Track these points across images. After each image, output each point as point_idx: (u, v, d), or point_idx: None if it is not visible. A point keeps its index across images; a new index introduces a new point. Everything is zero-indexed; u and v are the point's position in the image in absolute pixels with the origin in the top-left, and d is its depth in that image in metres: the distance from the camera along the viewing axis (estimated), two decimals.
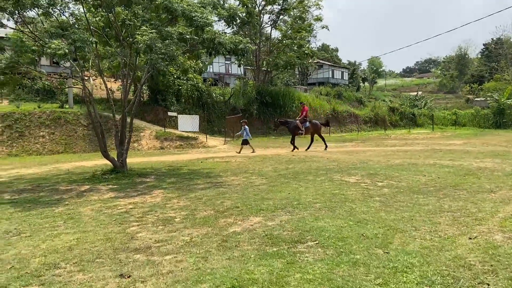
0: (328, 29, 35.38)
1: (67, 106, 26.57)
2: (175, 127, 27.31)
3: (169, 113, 24.94)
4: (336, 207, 7.43)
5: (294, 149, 19.67)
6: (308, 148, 20.05)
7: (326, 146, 20.42)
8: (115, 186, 10.90)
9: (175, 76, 27.82)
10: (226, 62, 46.96)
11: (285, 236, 5.74)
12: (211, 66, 43.03)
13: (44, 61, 31.33)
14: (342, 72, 64.66)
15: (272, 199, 8.40)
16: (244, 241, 5.62)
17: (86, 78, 12.46)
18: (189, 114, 27.15)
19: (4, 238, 6.45)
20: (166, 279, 4.46)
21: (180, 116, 24.50)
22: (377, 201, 7.85)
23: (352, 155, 16.94)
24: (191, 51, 12.29)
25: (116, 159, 12.60)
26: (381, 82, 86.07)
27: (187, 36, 11.63)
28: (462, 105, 56.60)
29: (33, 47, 12.11)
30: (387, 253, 4.95)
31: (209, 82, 33.27)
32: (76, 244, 6.01)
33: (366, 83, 70.64)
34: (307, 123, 19.91)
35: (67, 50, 9.24)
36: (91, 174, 12.44)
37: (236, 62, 42.51)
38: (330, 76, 60.31)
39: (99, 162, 17.38)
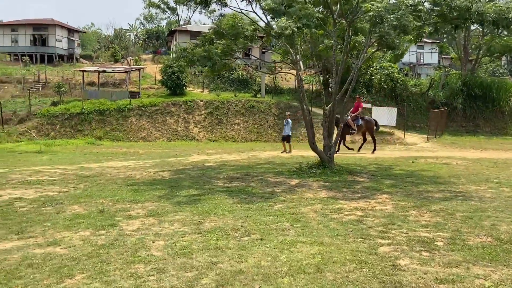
0: None
1: (259, 96, 27.27)
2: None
3: (363, 105, 22.94)
4: None
5: (349, 149, 17.21)
6: (360, 148, 17.36)
7: (374, 149, 17.05)
8: (327, 184, 9.57)
9: (367, 65, 25.59)
10: (418, 50, 42.17)
11: None
12: None
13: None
14: None
15: None
16: None
17: (297, 62, 11.48)
18: (380, 106, 24.60)
19: (236, 238, 5.58)
20: None
21: (374, 108, 22.26)
22: None
23: None
24: (426, 25, 9.98)
25: (323, 152, 11.33)
26: None
27: (420, 7, 9.39)
28: None
29: (246, 32, 11.75)
30: None
31: (405, 72, 29.83)
32: (322, 262, 4.65)
33: None
34: (360, 120, 16.79)
35: (295, 29, 8.18)
36: (298, 166, 11.47)
37: (435, 48, 37.48)
38: None
39: (294, 153, 16.73)
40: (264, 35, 12.37)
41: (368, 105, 22.32)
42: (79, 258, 4.78)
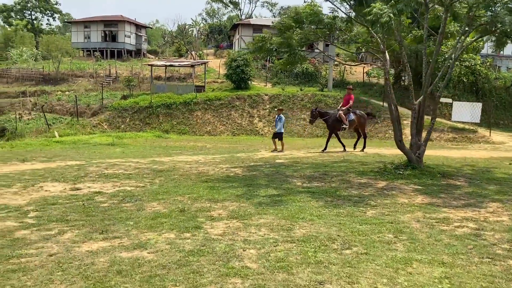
0: None
1: (326, 90, 26.24)
2: (441, 116, 23.31)
3: (442, 99, 21.17)
4: None
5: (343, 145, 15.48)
6: (355, 146, 15.66)
7: (364, 147, 15.46)
8: (419, 187, 8.56)
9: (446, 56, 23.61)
10: None
11: None
12: None
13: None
14: None
15: None
16: None
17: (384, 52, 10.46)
18: (460, 101, 22.55)
19: (336, 251, 4.88)
20: None
21: (455, 103, 20.42)
22: None
23: None
24: None
25: (411, 151, 10.26)
26: None
27: None
28: None
29: (326, 19, 10.95)
30: None
31: (488, 64, 27.26)
32: None
33: None
34: (351, 114, 15.02)
35: (391, 15, 7.28)
36: (381, 166, 10.51)
37: None
38: None
39: (367, 150, 15.68)
40: (344, 23, 11.43)
41: (449, 100, 20.52)
42: (169, 266, 4.34)
